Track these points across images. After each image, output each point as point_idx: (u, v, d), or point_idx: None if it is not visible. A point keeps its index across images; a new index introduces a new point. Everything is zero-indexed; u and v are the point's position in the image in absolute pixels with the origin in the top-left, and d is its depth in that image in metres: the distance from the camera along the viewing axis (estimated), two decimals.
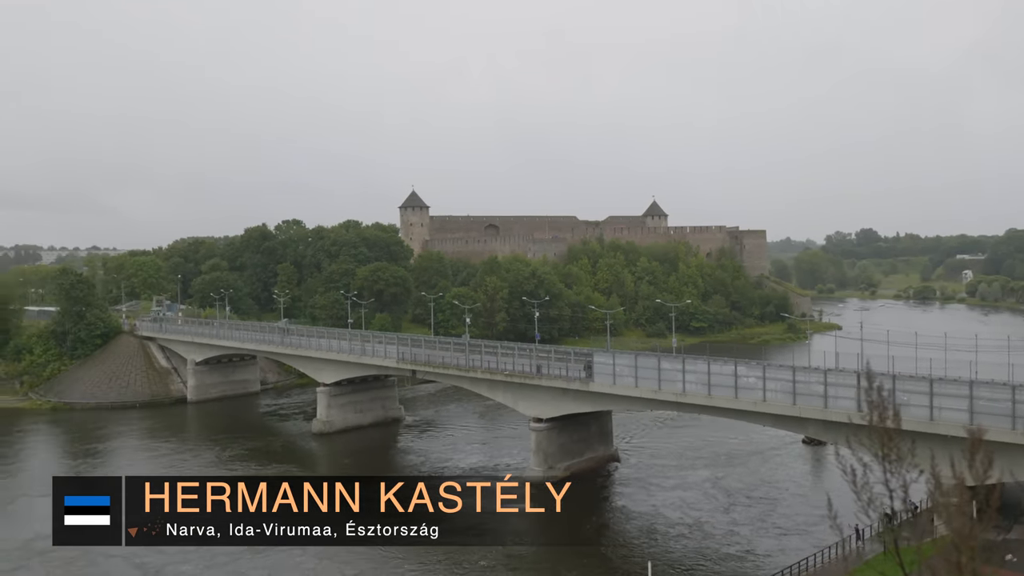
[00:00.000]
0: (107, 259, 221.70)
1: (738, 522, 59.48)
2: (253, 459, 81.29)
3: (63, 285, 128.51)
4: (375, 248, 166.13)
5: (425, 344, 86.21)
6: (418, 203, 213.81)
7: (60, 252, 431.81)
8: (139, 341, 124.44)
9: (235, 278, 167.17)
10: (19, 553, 55.53)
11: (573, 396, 68.52)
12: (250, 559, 53.43)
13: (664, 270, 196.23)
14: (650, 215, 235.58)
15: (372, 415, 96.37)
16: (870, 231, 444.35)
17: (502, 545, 55.75)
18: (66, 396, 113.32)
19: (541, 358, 72.30)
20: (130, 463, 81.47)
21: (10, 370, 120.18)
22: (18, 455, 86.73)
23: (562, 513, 63.21)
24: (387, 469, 78.34)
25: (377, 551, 54.86)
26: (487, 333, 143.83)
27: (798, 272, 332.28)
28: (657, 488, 68.64)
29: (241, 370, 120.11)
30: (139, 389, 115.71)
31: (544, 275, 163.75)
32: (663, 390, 61.44)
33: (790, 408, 54.38)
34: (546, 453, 70.24)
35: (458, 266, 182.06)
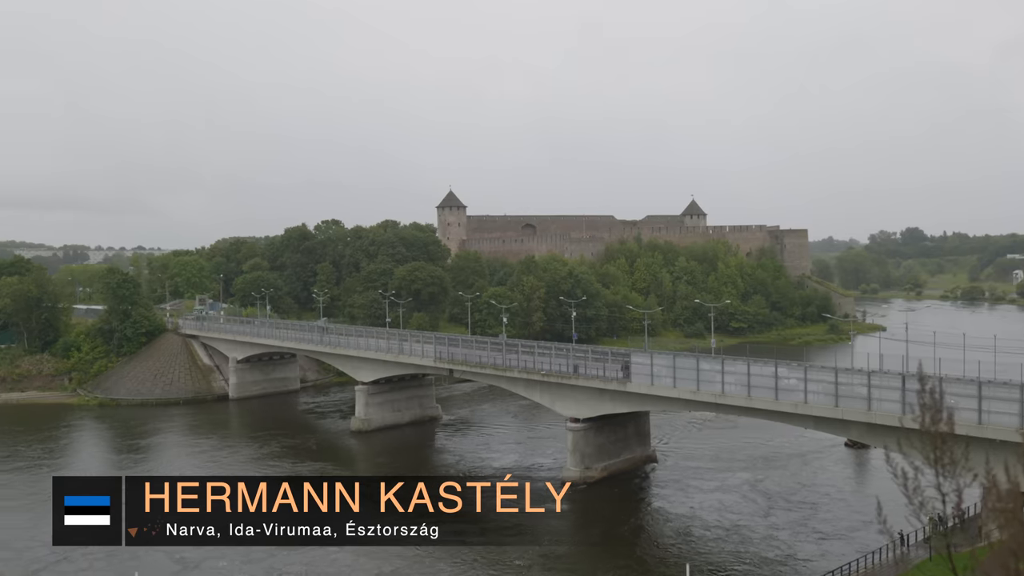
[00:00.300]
0: (152, 259, 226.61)
1: (778, 526, 58.49)
2: (291, 456, 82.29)
3: (110, 284, 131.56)
4: (413, 248, 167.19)
5: (462, 343, 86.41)
6: (455, 203, 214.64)
7: (107, 252, 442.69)
8: (183, 339, 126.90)
9: (275, 277, 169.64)
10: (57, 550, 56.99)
11: (610, 396, 68.07)
12: (287, 555, 53.97)
13: (703, 270, 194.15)
14: (689, 214, 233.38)
15: (410, 414, 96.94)
16: (916, 230, 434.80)
17: (538, 545, 55.65)
18: (112, 392, 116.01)
19: (578, 358, 71.93)
20: (170, 459, 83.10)
21: (59, 367, 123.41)
22: (65, 450, 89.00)
23: (599, 513, 63.07)
24: (423, 468, 78.68)
25: (412, 549, 55.11)
26: (524, 333, 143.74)
27: (841, 272, 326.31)
28: (695, 490, 67.85)
29: (281, 368, 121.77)
30: (183, 386, 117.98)
31: (581, 275, 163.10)
32: (702, 391, 60.69)
33: (832, 410, 53.30)
34: (583, 453, 69.89)
35: (495, 265, 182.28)
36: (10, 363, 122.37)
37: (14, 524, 61.84)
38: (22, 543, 57.60)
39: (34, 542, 57.19)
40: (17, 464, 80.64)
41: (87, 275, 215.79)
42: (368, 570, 51.29)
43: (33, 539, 57.99)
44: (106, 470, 79.29)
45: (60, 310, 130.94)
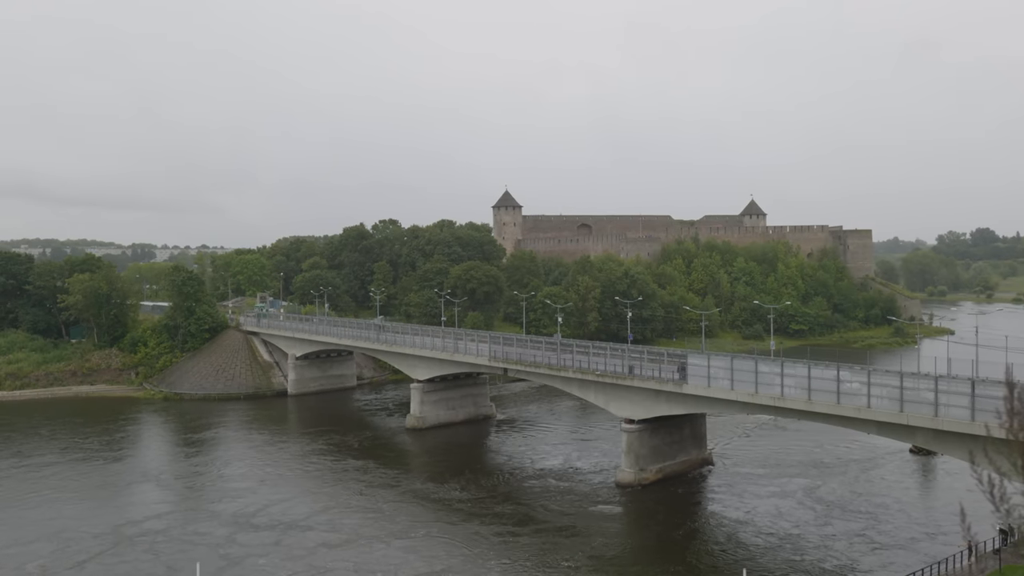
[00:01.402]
0: (215, 257, 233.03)
1: (836, 535, 56.79)
2: (346, 452, 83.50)
3: (175, 282, 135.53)
4: (468, 247, 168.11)
5: (517, 343, 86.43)
6: (511, 203, 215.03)
7: (172, 250, 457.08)
8: (244, 336, 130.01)
9: (334, 276, 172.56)
10: (111, 536, 58.81)
11: (666, 398, 67.22)
12: (327, 552, 54.63)
13: (762, 271, 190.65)
14: (748, 214, 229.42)
15: (464, 412, 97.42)
16: (987, 231, 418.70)
17: (589, 546, 55.30)
18: (177, 387, 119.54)
19: (633, 359, 71.25)
20: (228, 452, 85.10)
21: (126, 361, 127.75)
22: (131, 442, 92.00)
23: (653, 516, 62.34)
24: (479, 465, 78.89)
25: (461, 546, 55.32)
26: (579, 333, 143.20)
27: (906, 274, 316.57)
28: (751, 495, 66.46)
29: (338, 365, 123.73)
30: (243, 381, 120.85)
31: (637, 275, 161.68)
32: (760, 394, 59.42)
33: (897, 416, 51.58)
34: (637, 455, 69.18)
35: (550, 265, 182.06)
36: (81, 357, 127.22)
37: (73, 514, 63.78)
38: (81, 532, 59.45)
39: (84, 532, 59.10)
40: (85, 455, 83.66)
41: (154, 272, 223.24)
42: (417, 568, 51.45)
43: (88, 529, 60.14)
44: (166, 462, 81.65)
45: (128, 306, 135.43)
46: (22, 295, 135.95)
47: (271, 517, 62.13)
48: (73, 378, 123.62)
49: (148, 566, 52.65)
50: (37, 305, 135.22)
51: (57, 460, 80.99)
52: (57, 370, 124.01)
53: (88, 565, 53.18)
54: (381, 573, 50.53)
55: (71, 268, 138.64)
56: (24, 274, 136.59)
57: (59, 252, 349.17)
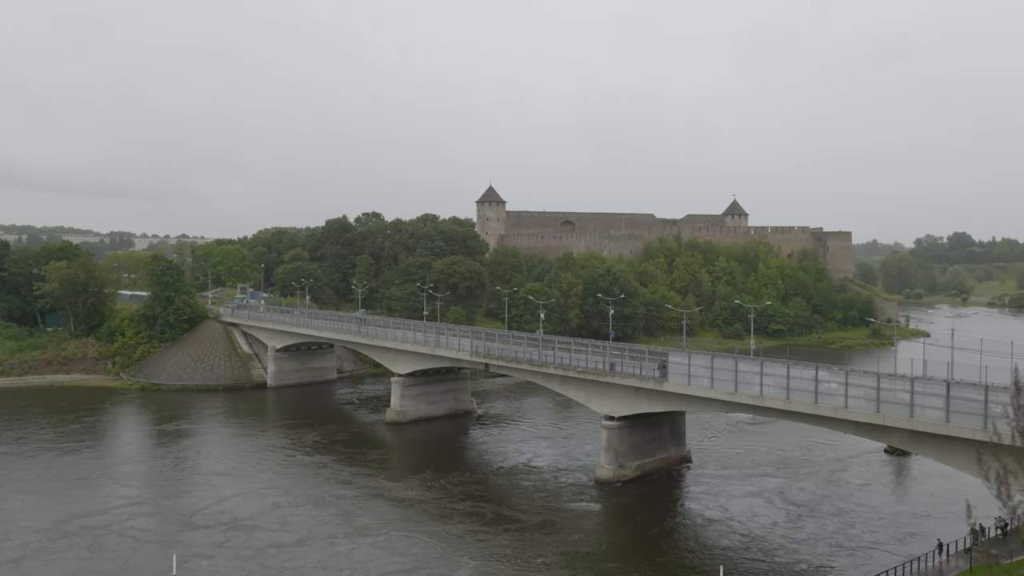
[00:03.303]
0: (195, 247, 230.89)
1: (811, 534, 57.48)
2: (326, 446, 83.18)
3: (154, 271, 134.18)
4: (451, 242, 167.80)
5: (499, 338, 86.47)
6: (495, 198, 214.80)
7: (152, 239, 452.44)
8: (223, 327, 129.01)
9: (315, 268, 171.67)
10: (51, 531, 58.25)
11: (646, 395, 67.57)
12: (294, 549, 54.25)
13: (743, 271, 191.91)
14: (730, 214, 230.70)
15: (445, 406, 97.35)
16: (963, 235, 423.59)
17: (565, 542, 55.48)
18: (154, 377, 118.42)
19: (615, 356, 71.58)
20: (206, 445, 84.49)
21: (103, 351, 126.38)
22: (104, 433, 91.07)
23: (630, 513, 62.68)
24: (458, 461, 78.93)
25: (435, 542, 55.22)
26: (561, 329, 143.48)
27: (884, 276, 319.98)
28: (728, 493, 67.03)
29: (319, 358, 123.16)
30: (222, 373, 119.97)
31: (619, 272, 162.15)
32: (739, 392, 59.91)
33: (873, 416, 52.21)
34: (617, 451, 69.52)
35: (533, 261, 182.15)
36: (57, 346, 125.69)
37: (19, 507, 62.48)
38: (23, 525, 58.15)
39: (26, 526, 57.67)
40: (51, 445, 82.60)
41: (132, 261, 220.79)
42: (388, 564, 51.21)
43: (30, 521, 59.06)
44: (142, 454, 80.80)
45: (106, 295, 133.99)
46: None
47: (234, 512, 61.27)
48: (48, 367, 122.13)
49: (89, 563, 51.52)
50: (12, 292, 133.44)
51: (17, 450, 79.86)
52: (32, 359, 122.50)
53: (24, 562, 51.69)
54: (349, 571, 50.10)
55: (47, 255, 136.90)
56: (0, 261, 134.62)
57: (35, 239, 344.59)
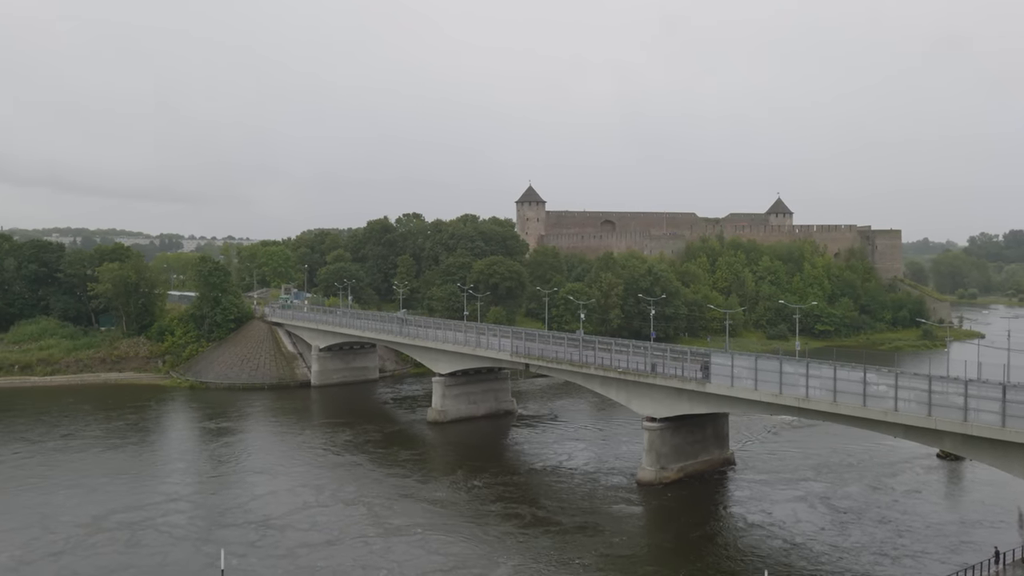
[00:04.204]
0: (241, 248, 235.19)
1: (858, 541, 56.04)
2: (369, 445, 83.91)
3: (202, 272, 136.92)
4: (491, 242, 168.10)
5: (539, 338, 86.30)
6: (535, 198, 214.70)
7: (199, 241, 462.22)
8: (268, 327, 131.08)
9: (357, 268, 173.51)
10: (91, 526, 59.59)
11: (688, 396, 66.78)
12: (331, 548, 54.68)
13: (788, 270, 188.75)
14: (774, 212, 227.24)
15: (485, 406, 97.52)
16: (1020, 232, 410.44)
17: (606, 544, 55.07)
18: (202, 376, 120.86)
19: (656, 356, 70.88)
20: (253, 442, 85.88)
21: (154, 349, 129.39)
22: (152, 430, 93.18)
23: (672, 515, 61.97)
24: (497, 461, 78.96)
25: (474, 542, 55.19)
26: (601, 329, 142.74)
27: (936, 275, 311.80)
28: (773, 497, 65.85)
29: (361, 357, 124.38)
30: (267, 372, 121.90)
31: (661, 272, 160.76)
32: (784, 394, 58.83)
33: (924, 420, 50.79)
34: (659, 453, 68.84)
35: (573, 261, 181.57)
36: (110, 345, 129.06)
37: (62, 501, 63.91)
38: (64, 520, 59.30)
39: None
40: (98, 442, 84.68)
41: (181, 263, 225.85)
42: (426, 564, 51.26)
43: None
44: (184, 450, 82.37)
45: (156, 296, 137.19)
46: (53, 283, 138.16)
47: (266, 510, 61.72)
48: (102, 365, 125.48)
49: (127, 558, 52.23)
50: (68, 293, 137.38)
51: (65, 446, 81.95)
52: (87, 357, 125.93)
53: (63, 556, 52.57)
54: (386, 570, 50.25)
55: (101, 257, 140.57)
56: (55, 262, 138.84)
57: (89, 241, 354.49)
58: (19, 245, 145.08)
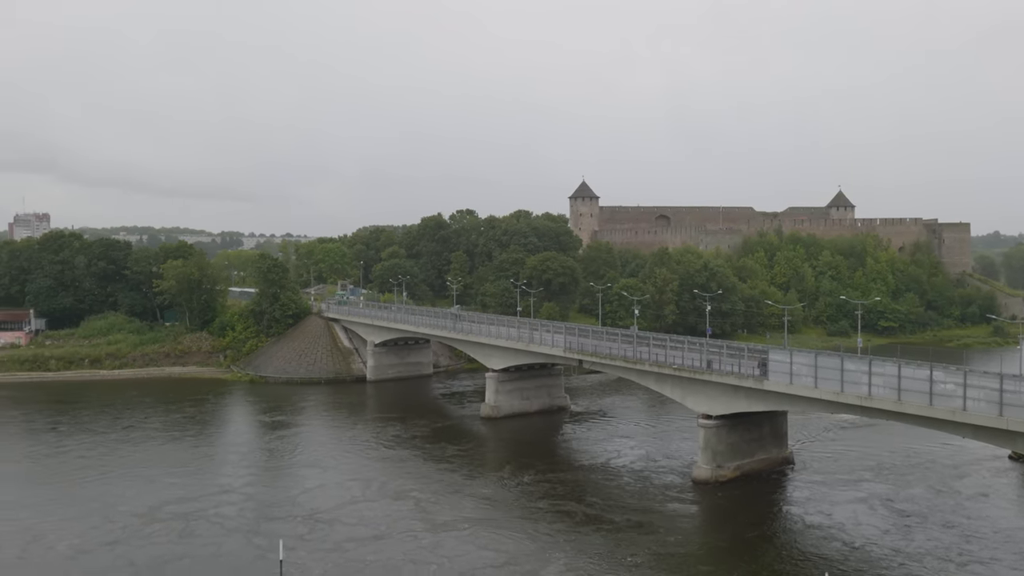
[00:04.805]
0: (299, 245, 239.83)
1: (921, 546, 53.95)
2: (423, 439, 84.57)
3: (261, 269, 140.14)
4: (544, 238, 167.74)
5: (592, 334, 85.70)
6: (588, 193, 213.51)
7: (259, 238, 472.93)
8: (325, 322, 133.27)
9: (411, 265, 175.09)
10: (146, 516, 61.05)
11: (745, 394, 65.46)
12: (380, 541, 55.04)
13: (850, 265, 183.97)
14: (835, 206, 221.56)
15: (538, 402, 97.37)
16: None
17: (659, 543, 54.35)
18: (262, 370, 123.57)
19: (712, 353, 69.65)
20: (312, 435, 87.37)
21: (215, 344, 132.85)
22: (211, 422, 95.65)
23: (728, 515, 60.82)
24: (550, 457, 78.73)
25: (526, 538, 55.02)
26: (655, 326, 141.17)
27: (1008, 270, 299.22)
28: (832, 498, 64.02)
29: (415, 353, 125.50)
30: (324, 367, 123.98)
31: (717, 268, 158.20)
32: (846, 392, 57.15)
33: (995, 420, 48.72)
34: (715, 451, 67.68)
35: (627, 257, 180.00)
36: (174, 340, 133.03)
37: (119, 491, 65.67)
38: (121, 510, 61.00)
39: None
40: (157, 434, 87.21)
41: (241, 260, 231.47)
42: (476, 559, 51.26)
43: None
44: (240, 443, 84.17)
45: (217, 292, 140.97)
46: (121, 280, 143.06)
47: (314, 503, 62.38)
48: (167, 359, 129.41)
49: (181, 548, 53.25)
50: (134, 289, 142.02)
51: (125, 438, 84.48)
52: (152, 351, 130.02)
53: (118, 546, 53.85)
54: (436, 564, 50.35)
55: (165, 255, 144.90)
56: (123, 260, 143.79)
57: (154, 239, 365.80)
58: (89, 243, 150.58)
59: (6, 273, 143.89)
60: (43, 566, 50.72)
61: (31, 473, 72.24)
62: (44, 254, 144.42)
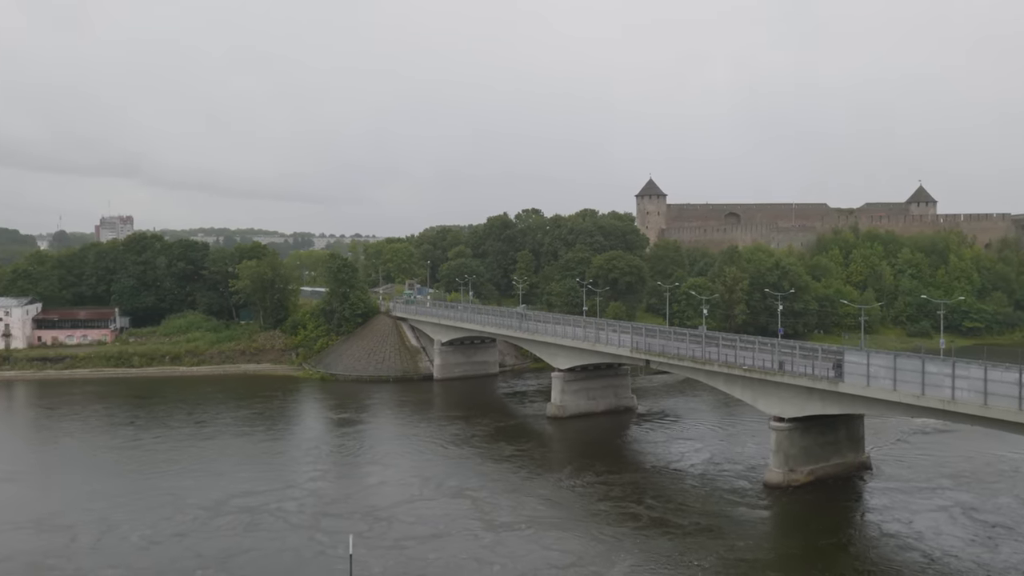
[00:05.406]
0: (367, 245, 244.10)
1: (1007, 560, 51.07)
2: (490, 438, 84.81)
3: (331, 268, 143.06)
4: (611, 237, 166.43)
5: (660, 334, 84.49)
6: (655, 191, 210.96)
7: (329, 239, 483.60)
8: (393, 321, 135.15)
9: (477, 264, 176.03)
10: (213, 510, 62.22)
11: (820, 396, 63.45)
12: (446, 540, 55.12)
13: (931, 263, 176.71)
14: (915, 201, 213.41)
15: (605, 402, 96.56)
16: None
17: (729, 547, 53.10)
18: (332, 368, 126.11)
19: (784, 354, 67.79)
20: (382, 433, 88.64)
21: (288, 342, 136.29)
22: (280, 418, 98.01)
23: (801, 521, 59.06)
24: (615, 458, 77.93)
25: (591, 540, 54.42)
26: (725, 325, 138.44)
27: None
28: (911, 506, 61.42)
29: (481, 352, 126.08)
30: (392, 365, 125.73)
31: (789, 266, 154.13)
32: (927, 395, 54.77)
33: None
34: (787, 455, 65.81)
35: (695, 255, 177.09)
36: (249, 337, 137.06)
37: (193, 484, 67.50)
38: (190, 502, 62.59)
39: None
40: (235, 428, 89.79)
41: (312, 260, 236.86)
42: (539, 560, 50.90)
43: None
44: (307, 439, 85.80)
45: (289, 291, 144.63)
46: (199, 279, 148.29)
47: (384, 500, 63.02)
48: (242, 356, 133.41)
49: (247, 541, 54.21)
50: (211, 289, 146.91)
51: (198, 432, 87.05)
52: (228, 349, 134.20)
53: (186, 538, 55.10)
54: (499, 565, 50.24)
55: (240, 255, 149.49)
56: (201, 260, 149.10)
57: (230, 240, 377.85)
58: (169, 245, 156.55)
59: (93, 273, 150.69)
60: (117, 556, 52.35)
61: (108, 465, 75.34)
62: (128, 255, 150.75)
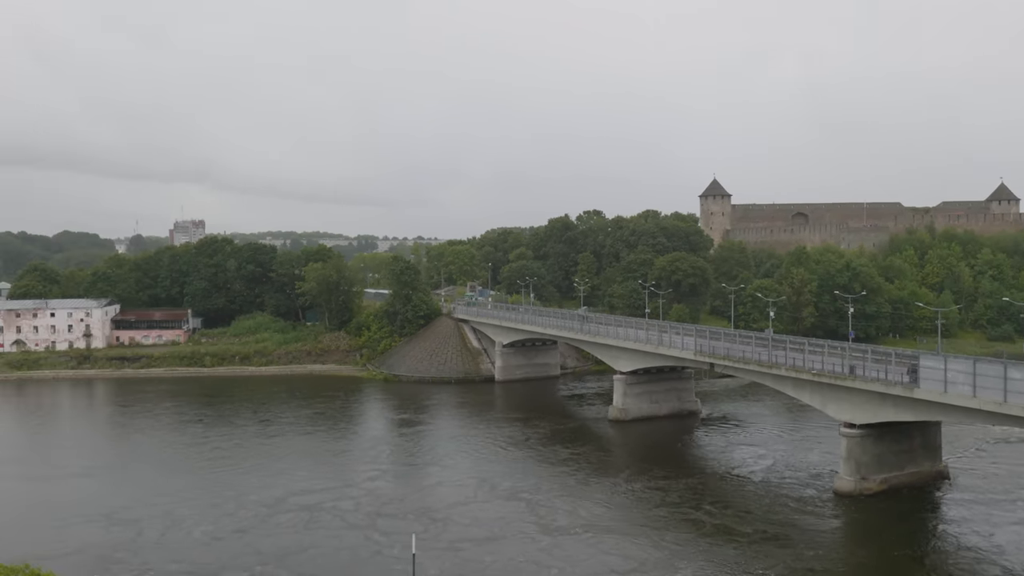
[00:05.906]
0: (430, 248, 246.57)
1: None
2: (552, 441, 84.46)
3: (394, 271, 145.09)
4: (674, 238, 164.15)
5: (724, 337, 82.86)
6: (719, 191, 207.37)
7: (392, 241, 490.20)
8: (455, 323, 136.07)
9: (539, 266, 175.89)
10: (272, 507, 63.15)
11: (893, 402, 61.13)
12: (504, 543, 54.84)
13: (1014, 264, 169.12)
14: (996, 199, 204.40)
15: (668, 406, 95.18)
16: None
17: (797, 557, 51.58)
18: (395, 369, 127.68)
19: (855, 358, 65.54)
20: (445, 433, 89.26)
21: (352, 343, 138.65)
22: (343, 418, 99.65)
23: (873, 531, 57.00)
24: (678, 463, 76.64)
25: (653, 546, 53.49)
26: (792, 328, 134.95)
27: None
28: (992, 519, 58.58)
29: (543, 354, 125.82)
30: (454, 366, 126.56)
31: (860, 267, 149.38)
32: (1010, 403, 52.15)
33: None
34: (859, 462, 63.65)
35: (761, 256, 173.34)
36: (314, 338, 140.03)
37: (255, 481, 68.77)
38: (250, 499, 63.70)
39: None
40: (297, 427, 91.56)
41: (376, 262, 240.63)
42: (599, 565, 50.23)
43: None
44: (368, 439, 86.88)
45: (354, 293, 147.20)
46: (267, 281, 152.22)
47: (440, 501, 63.20)
48: (308, 357, 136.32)
49: (306, 539, 54.79)
50: (279, 291, 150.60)
51: (262, 431, 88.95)
52: (295, 349, 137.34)
53: (246, 535, 55.98)
54: (557, 570, 49.72)
55: (307, 258, 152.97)
56: (268, 263, 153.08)
57: (297, 243, 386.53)
58: (239, 248, 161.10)
59: (167, 276, 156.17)
60: (180, 551, 53.61)
61: (175, 461, 77.71)
62: (200, 258, 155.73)
